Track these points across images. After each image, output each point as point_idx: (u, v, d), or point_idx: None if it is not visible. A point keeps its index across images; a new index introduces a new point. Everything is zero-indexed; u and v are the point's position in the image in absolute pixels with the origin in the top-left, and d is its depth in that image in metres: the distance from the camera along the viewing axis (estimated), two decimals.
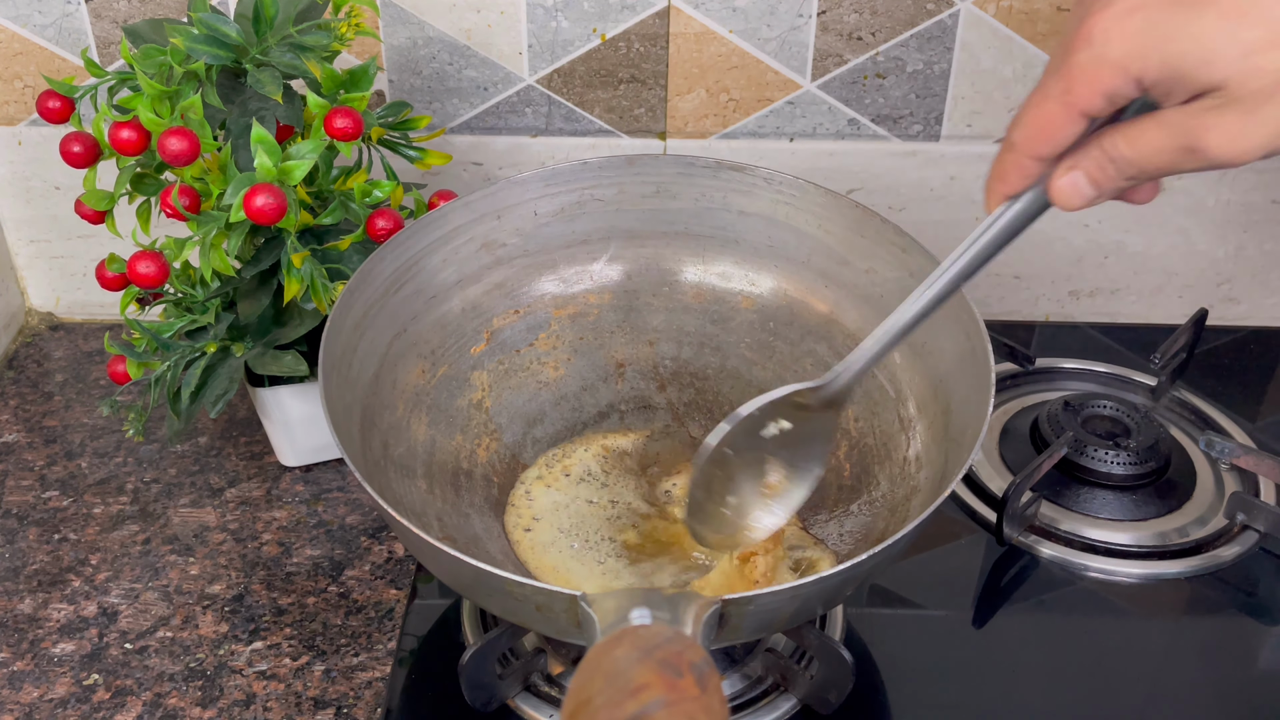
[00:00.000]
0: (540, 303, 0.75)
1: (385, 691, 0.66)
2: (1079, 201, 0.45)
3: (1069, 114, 0.43)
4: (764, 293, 0.75)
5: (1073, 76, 0.42)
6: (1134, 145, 0.42)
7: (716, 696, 0.44)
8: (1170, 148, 0.42)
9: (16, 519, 0.76)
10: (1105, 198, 0.45)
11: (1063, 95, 0.42)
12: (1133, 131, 0.42)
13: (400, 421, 0.68)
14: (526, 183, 0.72)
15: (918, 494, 0.64)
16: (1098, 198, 0.45)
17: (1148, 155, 0.42)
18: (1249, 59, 0.39)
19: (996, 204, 0.47)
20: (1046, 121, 0.43)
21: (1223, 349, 0.93)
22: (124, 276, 0.72)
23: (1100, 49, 0.41)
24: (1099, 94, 0.42)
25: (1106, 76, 0.41)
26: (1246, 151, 0.41)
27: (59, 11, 0.82)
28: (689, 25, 0.83)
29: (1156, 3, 0.40)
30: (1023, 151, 0.45)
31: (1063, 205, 0.45)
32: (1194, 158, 0.41)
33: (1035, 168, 0.45)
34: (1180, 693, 0.67)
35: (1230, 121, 0.40)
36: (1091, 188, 0.44)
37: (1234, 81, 0.39)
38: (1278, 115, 0.40)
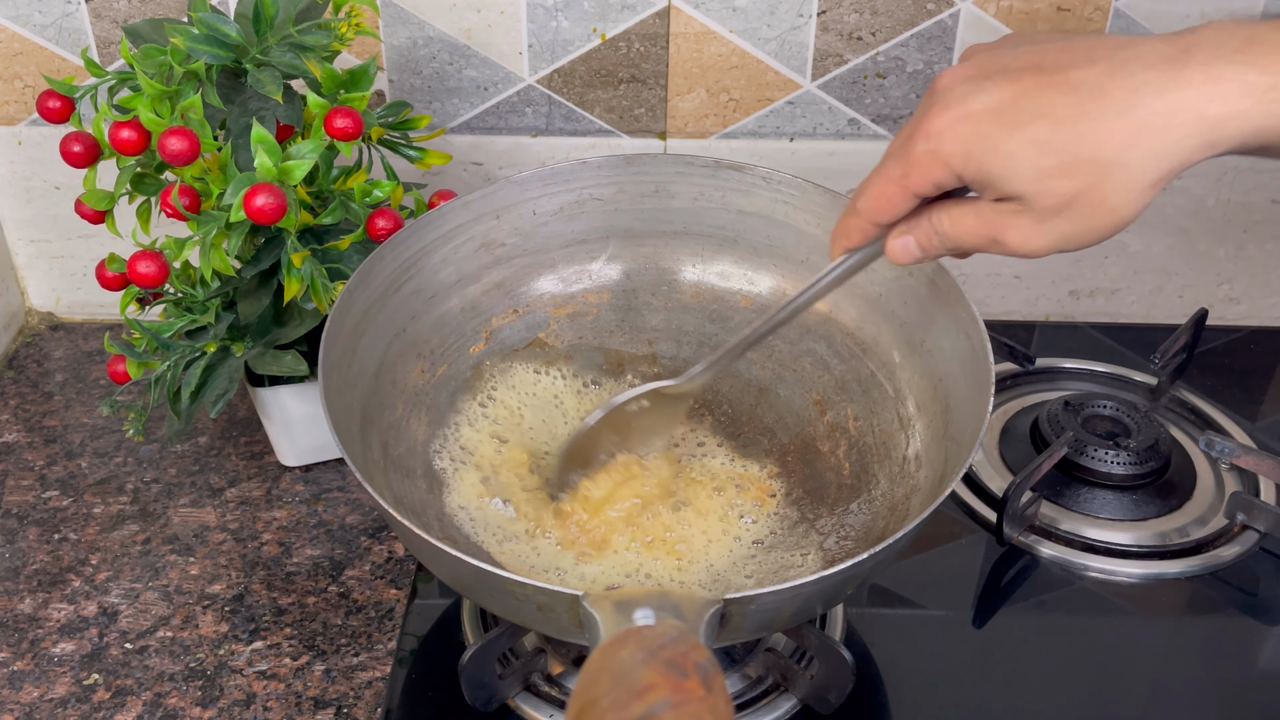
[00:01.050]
0: (539, 302, 0.75)
1: (385, 691, 0.66)
2: (908, 260, 0.55)
3: (904, 194, 0.52)
4: (763, 292, 0.75)
5: (910, 164, 0.51)
6: (954, 226, 0.52)
7: (722, 697, 0.44)
8: (980, 234, 0.51)
9: (16, 519, 0.76)
10: (929, 259, 0.55)
11: (900, 179, 0.52)
12: (955, 214, 0.52)
13: (400, 421, 0.68)
14: (525, 182, 0.72)
15: (917, 493, 0.64)
16: (924, 259, 0.55)
17: (962, 235, 0.52)
18: (1042, 181, 0.48)
19: (839, 254, 0.57)
20: (885, 198, 0.53)
21: (1223, 349, 0.93)
22: (124, 276, 0.72)
23: (935, 145, 0.50)
24: (930, 182, 0.51)
25: (936, 169, 0.50)
26: (1036, 251, 0.50)
27: (59, 11, 0.82)
28: (689, 25, 0.83)
29: (983, 116, 0.48)
30: (864, 217, 0.55)
31: (895, 261, 0.55)
32: (997, 246, 0.51)
33: (874, 230, 0.55)
34: (1180, 693, 0.67)
35: (1025, 226, 0.49)
36: (920, 251, 0.54)
37: (1029, 197, 0.48)
38: (1062, 228, 0.49)
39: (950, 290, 0.65)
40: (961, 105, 0.49)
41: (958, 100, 0.49)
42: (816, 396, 0.73)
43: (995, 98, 0.48)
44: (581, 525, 0.66)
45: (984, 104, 0.48)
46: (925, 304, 0.67)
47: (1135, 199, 0.48)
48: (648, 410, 0.67)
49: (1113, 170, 0.47)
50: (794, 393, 0.73)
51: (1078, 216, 0.48)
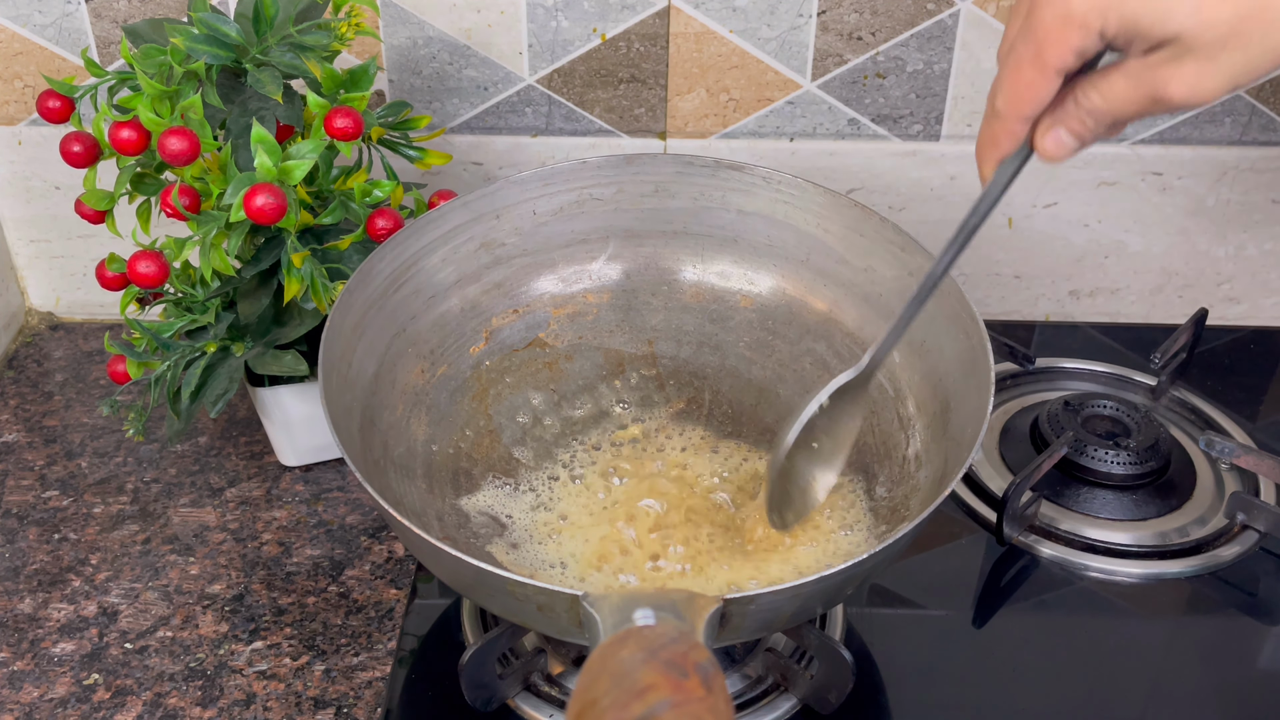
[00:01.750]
0: (539, 302, 0.75)
1: (385, 691, 0.66)
2: (1064, 154, 0.48)
3: (1044, 75, 0.46)
4: (763, 292, 0.75)
5: (1041, 38, 0.45)
6: (1105, 98, 0.46)
7: (722, 697, 0.44)
8: (1138, 97, 0.45)
9: (16, 519, 0.76)
10: (1086, 146, 0.48)
11: (1036, 58, 0.45)
12: (1103, 85, 0.46)
13: (400, 421, 0.68)
14: (525, 182, 0.72)
15: (917, 493, 0.64)
16: (1080, 147, 0.48)
17: (1119, 105, 0.46)
18: (1201, 12, 0.42)
19: (992, 169, 0.50)
20: (1026, 85, 0.46)
21: (1223, 349, 0.93)
22: (124, 276, 0.72)
23: (1064, 9, 0.44)
24: (1069, 51, 0.45)
25: (1074, 34, 0.44)
26: (1208, 95, 0.44)
27: (59, 11, 0.82)
28: (689, 25, 0.83)
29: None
30: (1009, 116, 0.48)
31: (1050, 159, 0.49)
32: (1159, 105, 0.45)
33: (1022, 129, 0.48)
34: (1180, 693, 0.67)
35: (1189, 71, 0.43)
36: (1074, 140, 0.48)
37: (1188, 34, 0.42)
38: (1233, 61, 0.42)
39: (950, 290, 0.65)
40: None
41: None
42: None
43: None
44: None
45: None
46: (925, 304, 0.67)
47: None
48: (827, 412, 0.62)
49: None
50: (794, 392, 0.73)
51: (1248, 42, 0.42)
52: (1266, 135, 0.87)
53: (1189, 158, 0.88)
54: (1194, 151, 0.88)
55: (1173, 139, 0.87)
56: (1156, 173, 0.89)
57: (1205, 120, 0.87)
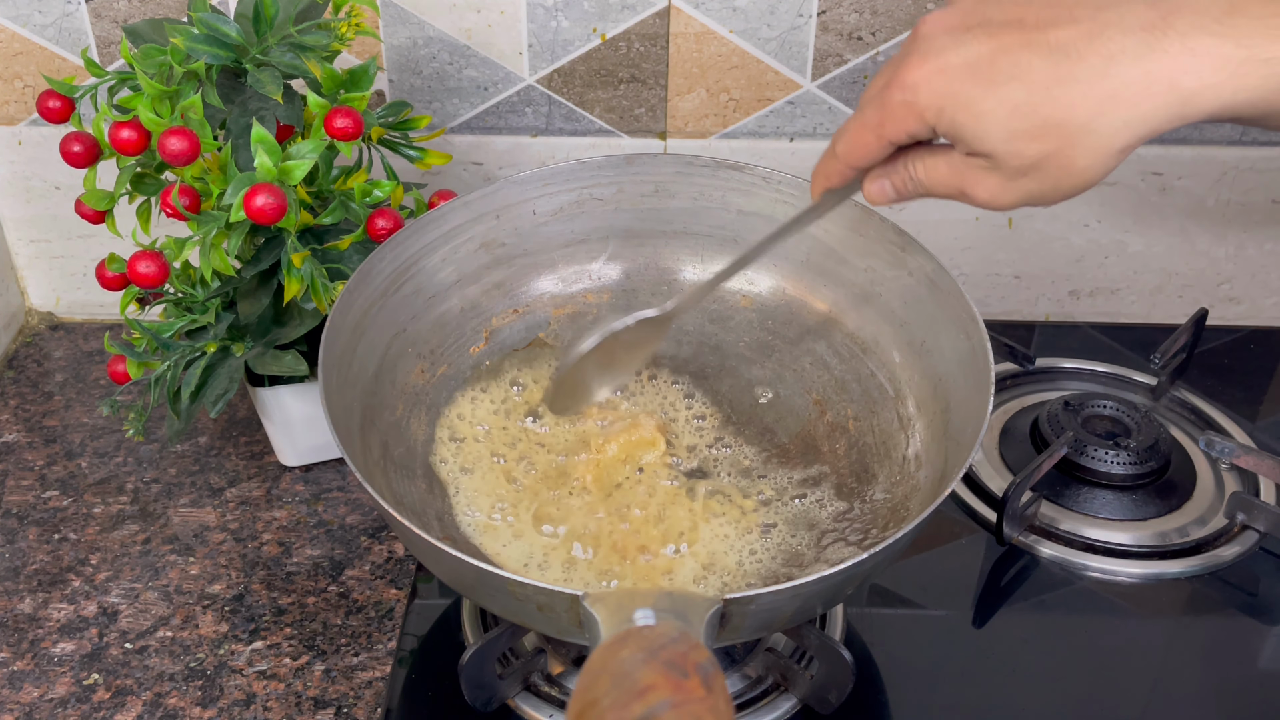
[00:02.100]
0: (539, 302, 0.75)
1: (385, 691, 0.66)
2: (884, 201, 0.57)
3: (879, 142, 0.53)
4: (763, 291, 0.75)
5: (886, 113, 0.52)
6: (926, 174, 0.54)
7: (722, 697, 0.44)
8: (950, 184, 0.53)
9: (16, 519, 0.76)
10: (904, 200, 0.56)
11: (877, 127, 0.53)
12: (929, 161, 0.53)
13: (400, 421, 0.68)
14: (525, 182, 0.72)
15: (917, 493, 0.64)
16: (898, 200, 0.56)
17: (934, 183, 0.54)
18: (1012, 143, 0.49)
19: (819, 193, 0.59)
20: (862, 145, 0.54)
21: (1223, 349, 0.93)
22: (124, 276, 0.72)
23: (911, 97, 0.50)
24: (904, 132, 0.52)
25: (911, 120, 0.51)
26: (1002, 205, 0.52)
27: (59, 11, 0.82)
28: (689, 25, 0.83)
29: (960, 71, 0.49)
30: (842, 161, 0.56)
31: (871, 201, 0.57)
32: (965, 198, 0.53)
33: (851, 174, 0.57)
34: (1180, 693, 0.67)
35: (993, 182, 0.51)
36: (894, 193, 0.56)
37: (999, 156, 0.49)
38: (1029, 187, 0.50)
39: (950, 290, 0.65)
40: (940, 57, 0.49)
41: (936, 51, 0.49)
42: (816, 396, 0.73)
43: (974, 52, 0.49)
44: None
45: (962, 58, 0.49)
46: (925, 304, 0.67)
47: (1102, 163, 0.49)
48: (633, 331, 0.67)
49: (1082, 136, 0.48)
50: (794, 392, 0.73)
51: (1044, 177, 0.49)
52: (1266, 135, 0.87)
53: (1189, 158, 0.88)
54: (1194, 151, 0.88)
55: (1173, 139, 0.87)
56: (1156, 173, 0.89)
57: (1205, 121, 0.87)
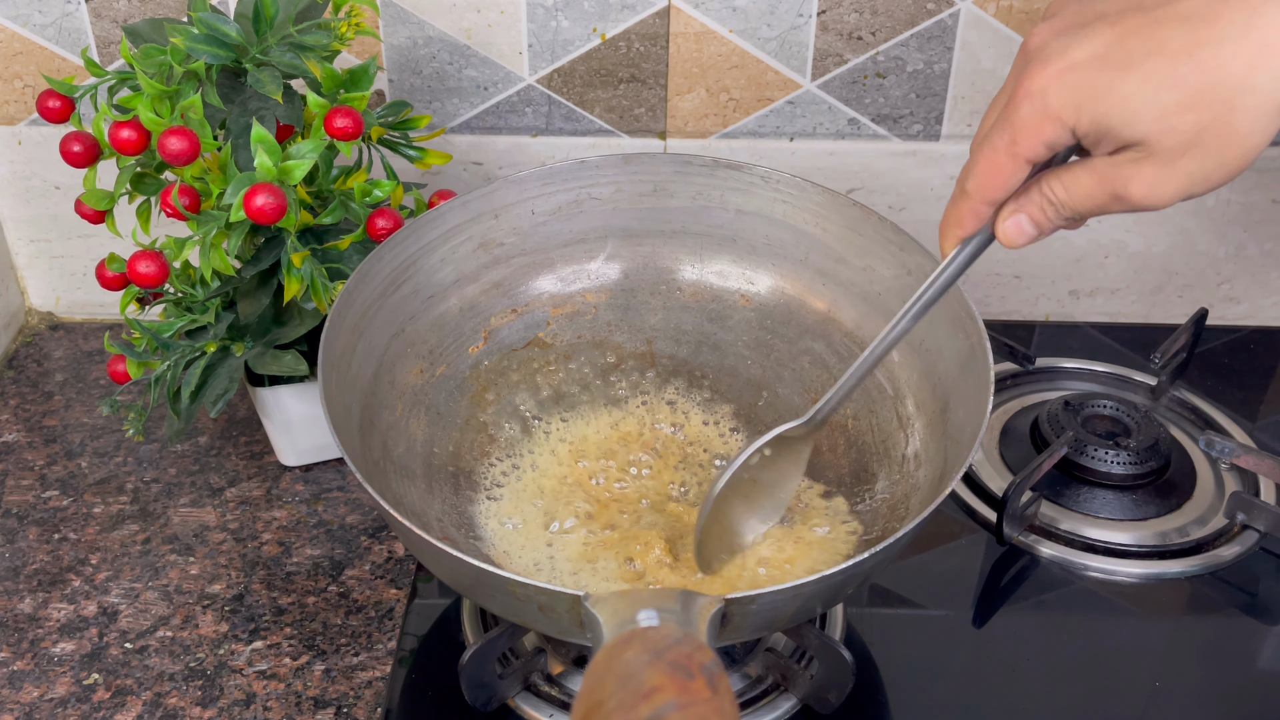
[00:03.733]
0: (538, 302, 0.75)
1: (385, 691, 0.66)
2: (1022, 241, 0.51)
3: (1015, 163, 0.49)
4: (762, 291, 0.75)
5: (1017, 128, 0.48)
6: (1069, 190, 0.49)
7: (728, 698, 0.44)
8: (1099, 194, 0.48)
9: (16, 519, 0.76)
10: (1044, 235, 0.51)
11: (1009, 146, 0.48)
12: (1068, 178, 0.49)
13: (399, 421, 0.68)
14: (524, 182, 0.72)
15: (917, 492, 0.64)
16: (1038, 236, 0.51)
17: (1080, 199, 0.49)
18: (1165, 120, 0.45)
19: (953, 246, 0.54)
20: (997, 171, 0.49)
21: (1223, 349, 0.93)
22: (124, 276, 0.72)
23: (1041, 103, 0.47)
24: (1041, 143, 0.48)
25: (1048, 128, 0.47)
26: (1164, 199, 0.47)
27: (59, 11, 0.82)
28: (689, 25, 0.83)
29: (1089, 64, 0.46)
30: (977, 199, 0.51)
31: (1008, 244, 0.51)
32: (1119, 203, 0.48)
33: (987, 211, 0.51)
34: (1180, 693, 0.67)
35: (1149, 173, 0.46)
36: (1033, 228, 0.51)
37: (1152, 139, 0.45)
38: (1190, 168, 0.46)
39: (950, 290, 0.65)
40: (1063, 57, 0.46)
41: (1057, 53, 0.46)
42: (815, 395, 0.73)
43: (1099, 43, 0.46)
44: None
45: (1088, 51, 0.46)
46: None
47: (1267, 124, 0.45)
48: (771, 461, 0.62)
49: (1239, 96, 0.44)
50: (792, 391, 0.73)
51: (1206, 152, 0.45)
52: None
53: None
54: None
55: None
56: None
57: None
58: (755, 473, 0.62)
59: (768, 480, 0.63)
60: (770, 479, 0.63)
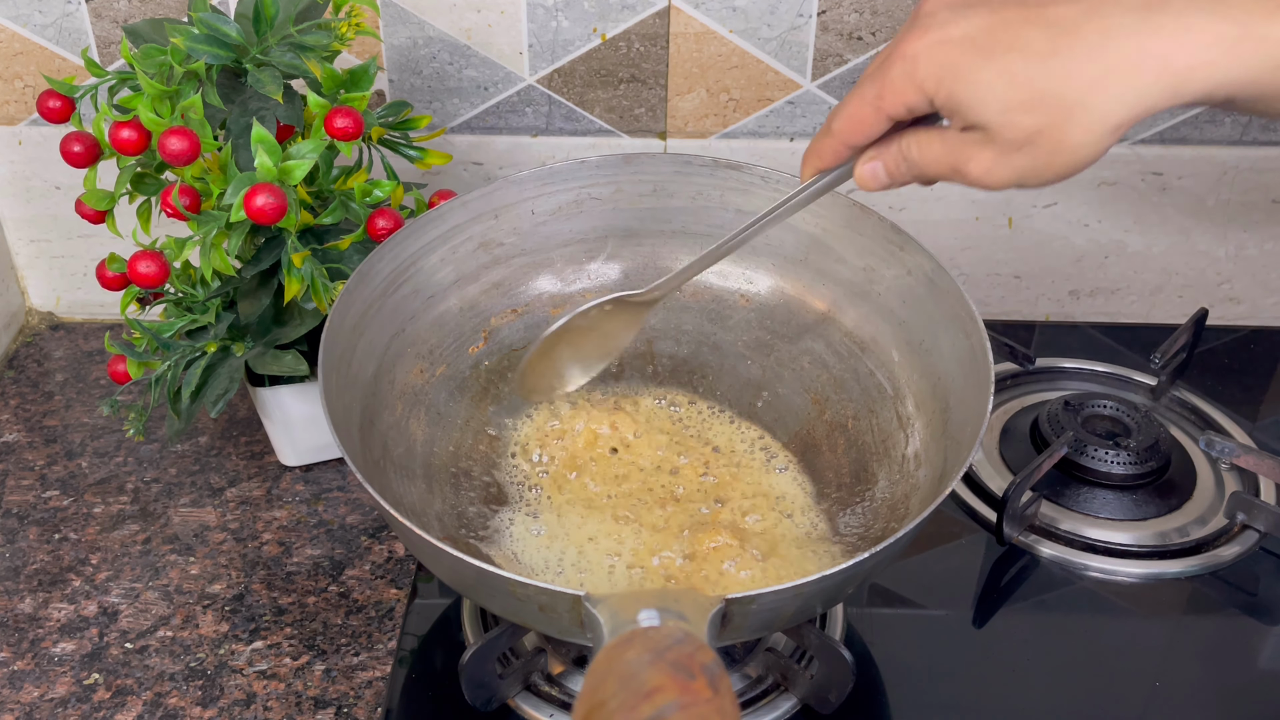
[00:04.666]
0: (538, 302, 0.75)
1: (385, 691, 0.66)
2: (875, 186, 0.55)
3: (878, 116, 0.52)
4: (761, 291, 0.75)
5: (884, 85, 0.51)
6: (921, 152, 0.52)
7: (729, 698, 0.44)
8: (944, 162, 0.51)
9: (17, 519, 0.76)
10: (895, 186, 0.55)
11: (875, 99, 0.52)
12: (923, 140, 0.52)
13: (399, 421, 0.68)
14: (524, 182, 0.72)
15: (917, 492, 0.64)
16: (891, 185, 0.55)
17: (928, 163, 0.52)
18: (1006, 114, 0.48)
19: (811, 174, 0.58)
20: (860, 119, 0.53)
21: (1223, 349, 0.93)
22: (124, 276, 0.72)
23: (910, 68, 0.50)
24: (902, 104, 0.51)
25: (910, 93, 0.50)
26: (996, 183, 0.50)
27: (59, 11, 0.82)
28: (689, 25, 0.83)
29: (960, 43, 0.49)
30: (838, 139, 0.55)
31: (862, 185, 0.55)
32: (958, 176, 0.51)
33: (846, 153, 0.55)
34: (1180, 693, 0.67)
35: (986, 157, 0.50)
36: (887, 177, 0.55)
37: (994, 127, 0.49)
38: (1020, 163, 0.49)
39: (949, 289, 0.65)
40: (941, 30, 0.49)
41: (938, 25, 0.49)
42: (815, 395, 0.73)
43: (974, 25, 0.49)
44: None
45: (962, 31, 0.49)
46: (924, 302, 0.67)
47: (1095, 141, 0.48)
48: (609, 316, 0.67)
49: (1076, 110, 0.47)
50: (792, 391, 0.73)
51: (1038, 153, 0.49)
52: (1266, 135, 0.87)
53: (1189, 158, 0.88)
54: (1194, 151, 0.88)
55: (1173, 139, 0.87)
56: (1156, 173, 0.89)
57: (1205, 120, 0.87)
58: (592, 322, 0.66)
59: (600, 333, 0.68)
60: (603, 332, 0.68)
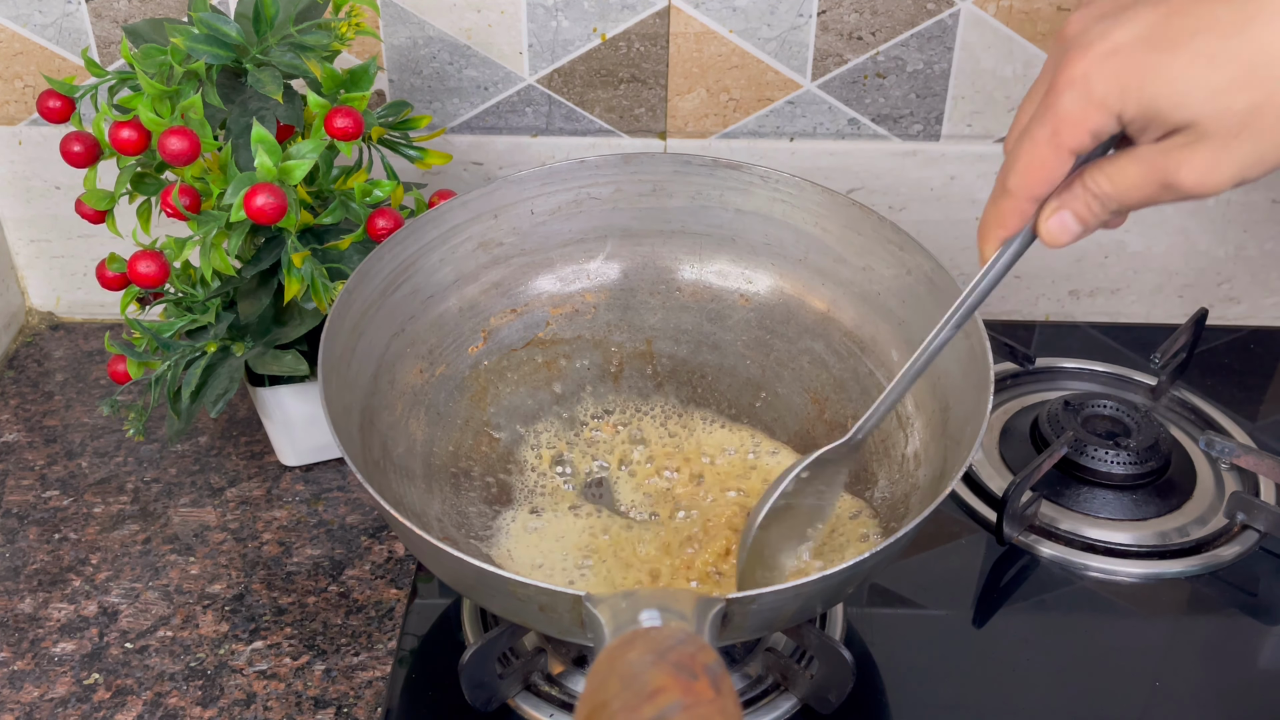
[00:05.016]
0: (537, 301, 0.75)
1: (385, 691, 0.66)
2: (1067, 239, 0.48)
3: (1059, 155, 0.46)
4: (761, 291, 0.75)
5: (1059, 118, 0.45)
6: (1114, 182, 0.46)
7: (731, 699, 0.44)
8: (1148, 183, 0.45)
9: (17, 519, 0.76)
10: (1089, 232, 0.49)
11: (1052, 138, 0.46)
12: (1112, 169, 0.46)
13: (399, 421, 0.68)
14: (523, 182, 0.73)
15: (917, 491, 0.64)
16: (1084, 233, 0.48)
17: (1127, 190, 0.46)
18: (1217, 99, 0.42)
19: (995, 248, 0.50)
20: (1040, 165, 0.47)
21: (1223, 349, 0.93)
22: (124, 276, 0.72)
23: (1084, 90, 0.44)
24: (1086, 132, 0.45)
25: (1093, 116, 0.45)
26: (1217, 184, 0.44)
27: (59, 11, 0.82)
28: (689, 25, 0.83)
29: (1133, 45, 0.43)
30: (1020, 196, 0.48)
31: (1051, 243, 0.49)
32: (1169, 191, 0.45)
33: (1030, 208, 0.49)
34: (1180, 693, 0.67)
35: (1201, 157, 0.43)
36: (1078, 224, 0.48)
37: (1204, 120, 0.43)
38: (1244, 150, 0.43)
39: (948, 289, 0.65)
40: (1105, 40, 0.44)
41: (1099, 37, 0.44)
42: (814, 395, 0.73)
43: (1142, 24, 0.44)
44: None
45: (1132, 33, 0.44)
46: (923, 302, 0.67)
47: None
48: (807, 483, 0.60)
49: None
50: (792, 391, 0.73)
51: (1261, 133, 0.43)
52: None
53: None
54: None
55: None
56: None
57: None
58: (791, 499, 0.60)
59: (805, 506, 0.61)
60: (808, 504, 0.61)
